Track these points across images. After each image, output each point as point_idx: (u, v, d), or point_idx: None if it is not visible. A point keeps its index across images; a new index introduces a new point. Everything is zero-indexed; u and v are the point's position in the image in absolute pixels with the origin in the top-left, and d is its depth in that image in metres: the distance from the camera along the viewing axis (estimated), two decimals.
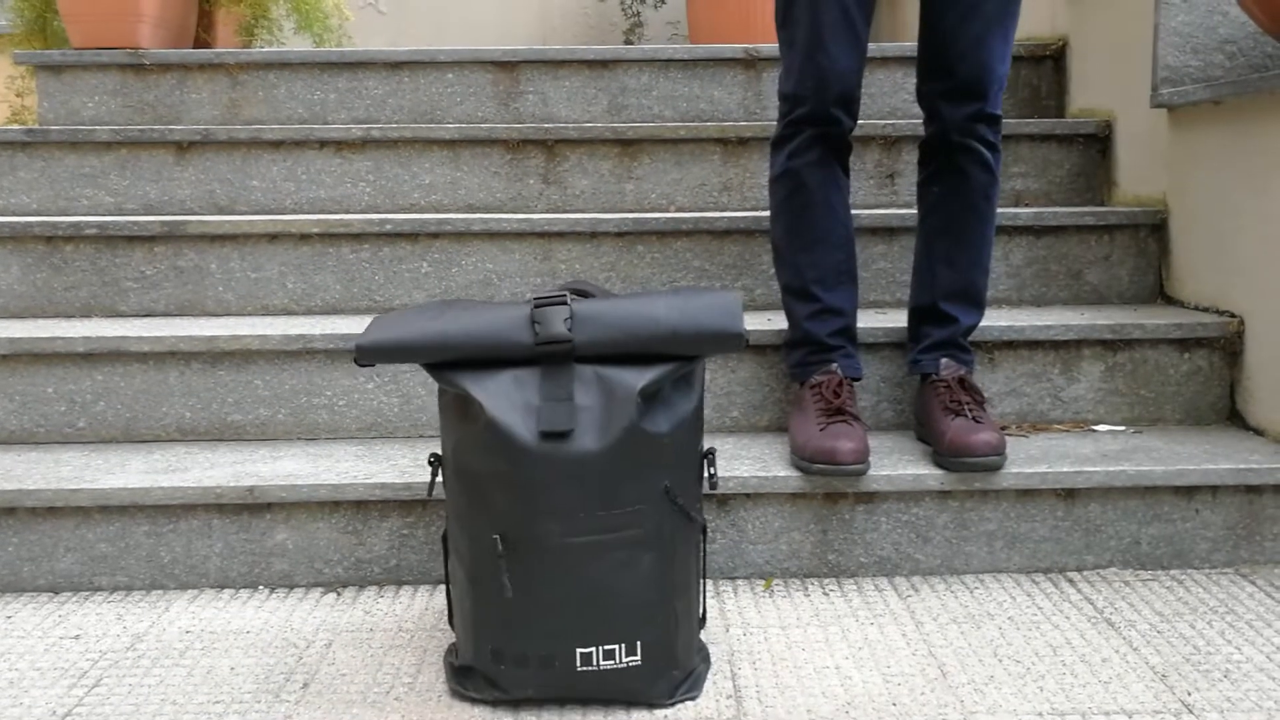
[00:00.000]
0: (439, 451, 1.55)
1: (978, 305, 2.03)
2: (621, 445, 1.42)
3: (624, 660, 1.45)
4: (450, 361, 1.46)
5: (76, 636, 1.72)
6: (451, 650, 1.58)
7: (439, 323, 1.47)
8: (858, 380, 2.04)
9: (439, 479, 1.81)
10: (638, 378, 1.44)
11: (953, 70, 1.93)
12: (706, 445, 1.55)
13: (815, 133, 1.94)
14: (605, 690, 1.47)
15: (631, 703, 1.49)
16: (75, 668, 1.62)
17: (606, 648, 1.45)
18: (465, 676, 1.51)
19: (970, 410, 1.93)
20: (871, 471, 1.90)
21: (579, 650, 1.45)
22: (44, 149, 2.75)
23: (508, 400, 1.43)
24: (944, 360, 2.01)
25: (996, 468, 1.88)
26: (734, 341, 1.46)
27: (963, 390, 1.97)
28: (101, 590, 1.90)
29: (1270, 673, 1.55)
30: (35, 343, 2.13)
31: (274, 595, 1.88)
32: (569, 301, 1.47)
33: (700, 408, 1.53)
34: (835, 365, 1.99)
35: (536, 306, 1.47)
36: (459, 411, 1.48)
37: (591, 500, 1.42)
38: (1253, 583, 1.87)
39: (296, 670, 1.60)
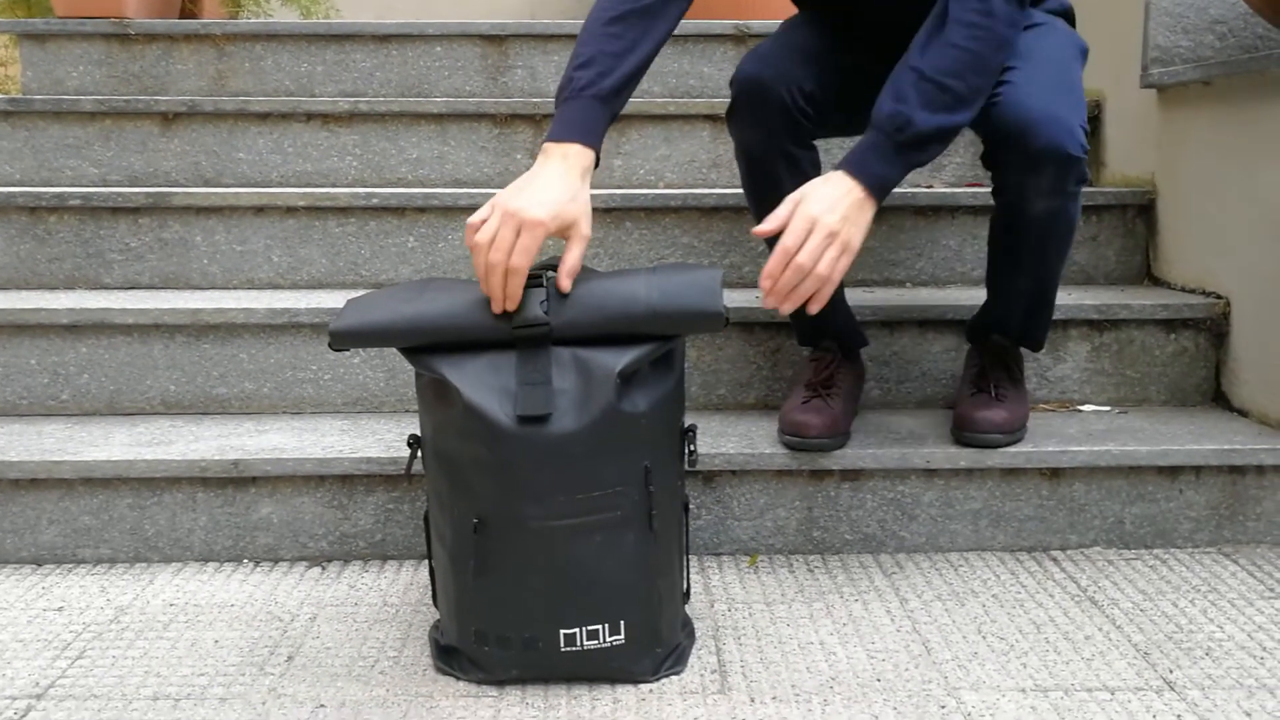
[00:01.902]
0: (417, 434, 1.55)
1: (1035, 344, 1.99)
2: (600, 427, 1.41)
3: (608, 640, 1.46)
4: (426, 345, 1.45)
5: (60, 608, 1.72)
6: (436, 627, 1.58)
7: (414, 305, 1.45)
8: (864, 346, 2.03)
9: (419, 460, 1.80)
10: (616, 359, 1.42)
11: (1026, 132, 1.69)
12: (688, 422, 1.54)
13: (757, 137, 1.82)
14: (590, 670, 1.47)
15: (616, 680, 1.49)
16: (58, 639, 1.61)
17: (590, 628, 1.45)
18: (450, 657, 1.51)
19: (995, 386, 1.94)
20: (857, 449, 1.90)
21: (562, 631, 1.44)
22: (27, 119, 2.72)
23: (484, 384, 1.42)
24: (995, 335, 1.98)
25: (993, 445, 1.89)
26: (714, 321, 1.44)
27: (998, 364, 1.96)
28: (85, 562, 1.90)
29: (1251, 651, 1.56)
30: (18, 314, 2.12)
31: (258, 569, 1.88)
32: (545, 283, 1.46)
33: (680, 385, 1.52)
34: (834, 345, 1.99)
35: None
36: (436, 395, 1.47)
37: (571, 483, 1.41)
38: (1235, 562, 1.88)
39: (281, 643, 1.60)
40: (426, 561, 1.90)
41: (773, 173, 1.83)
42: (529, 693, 1.46)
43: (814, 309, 1.53)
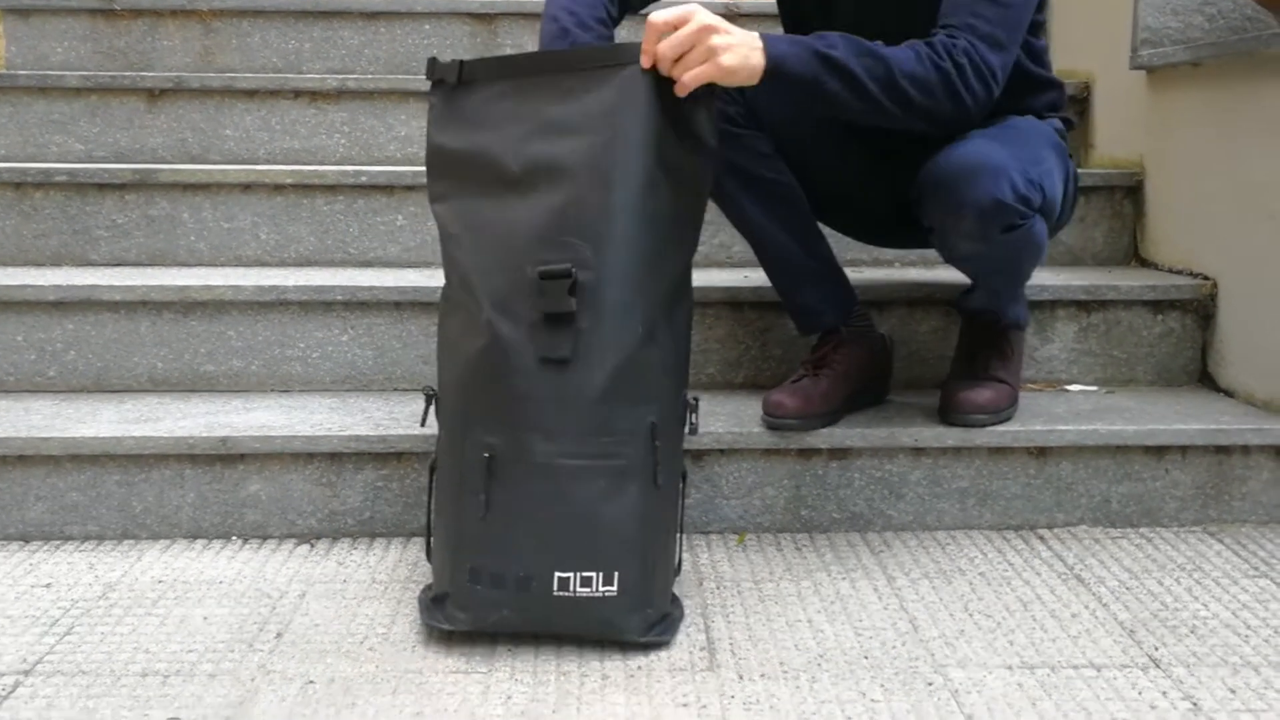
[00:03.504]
0: (432, 386, 1.59)
1: (1017, 304, 1.98)
2: (617, 375, 1.45)
3: (600, 589, 1.47)
4: (468, 275, 1.50)
5: (48, 585, 1.72)
6: (426, 589, 1.60)
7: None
8: (856, 310, 1.98)
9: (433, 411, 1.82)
10: (635, 309, 1.47)
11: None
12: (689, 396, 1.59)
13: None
14: (579, 618, 1.48)
15: (605, 638, 1.50)
16: (46, 616, 1.61)
17: (584, 574, 1.46)
18: (438, 606, 1.52)
19: (986, 366, 1.95)
20: (845, 428, 1.91)
21: (557, 574, 1.46)
22: (12, 94, 2.70)
23: (513, 319, 1.45)
24: (988, 312, 1.97)
25: (976, 425, 1.90)
26: None
27: (988, 343, 1.97)
28: (73, 539, 1.89)
29: (1235, 628, 1.58)
30: (4, 290, 2.10)
31: (247, 546, 1.87)
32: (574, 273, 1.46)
33: (688, 348, 1.57)
34: (839, 329, 1.96)
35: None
36: (464, 329, 1.50)
37: (584, 424, 1.44)
38: (1220, 541, 1.89)
39: (270, 620, 1.60)
40: (415, 538, 1.90)
41: None
42: (518, 668, 1.46)
43: (678, 91, 1.51)
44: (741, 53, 1.52)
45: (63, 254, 2.41)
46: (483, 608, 1.48)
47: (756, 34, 1.55)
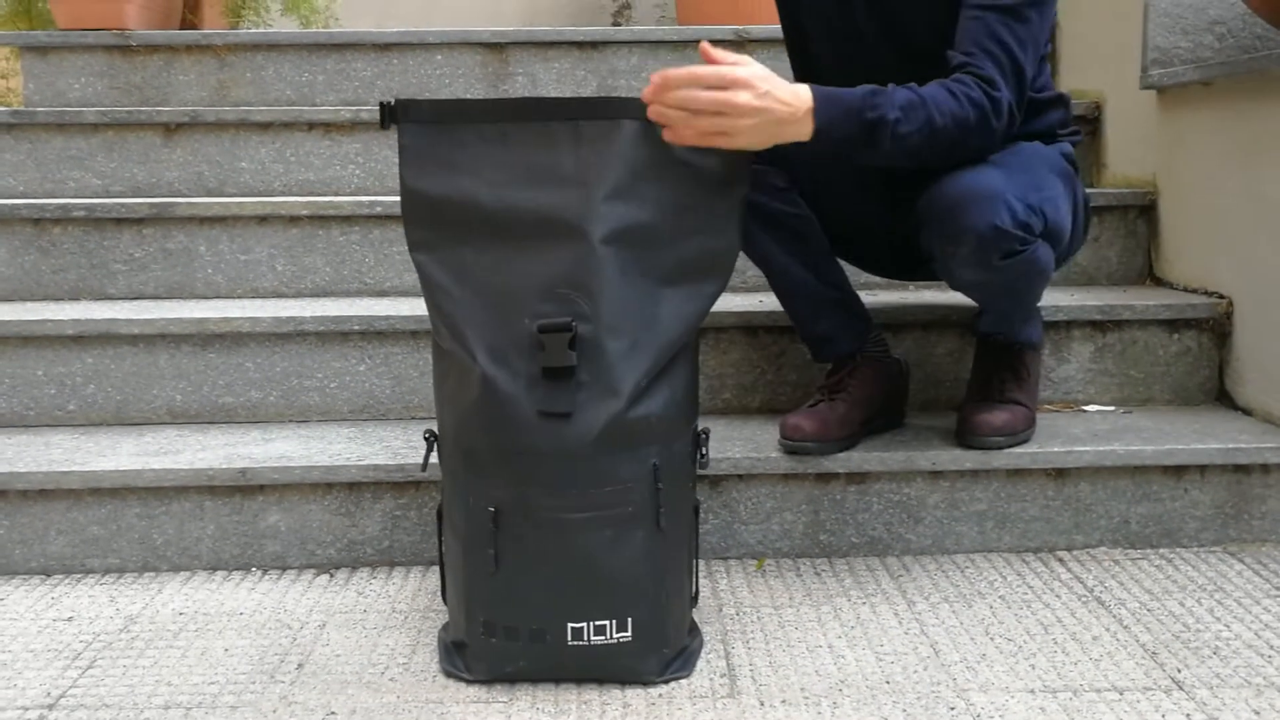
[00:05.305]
0: (433, 429, 1.57)
1: (1029, 325, 1.99)
2: (619, 424, 1.44)
3: (614, 636, 1.46)
4: (459, 327, 1.46)
5: (69, 618, 1.72)
6: (445, 628, 1.59)
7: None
8: (872, 335, 1.98)
9: (434, 455, 1.82)
10: (637, 363, 1.45)
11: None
12: (700, 426, 1.57)
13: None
14: (595, 666, 1.48)
15: (623, 682, 1.50)
16: (69, 649, 1.62)
17: (598, 623, 1.46)
18: (456, 653, 1.53)
19: (999, 390, 1.95)
20: (862, 452, 1.91)
21: (570, 625, 1.46)
22: (30, 131, 2.73)
23: (511, 372, 1.44)
24: (999, 334, 1.98)
25: (992, 448, 1.89)
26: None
27: (1004, 366, 1.96)
28: (94, 572, 1.90)
29: (1259, 649, 1.57)
30: (24, 325, 2.12)
31: (267, 577, 1.88)
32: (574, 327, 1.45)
33: (695, 386, 1.54)
34: (854, 357, 1.96)
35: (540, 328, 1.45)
36: (459, 382, 1.48)
37: (586, 476, 1.43)
38: (1241, 560, 1.88)
39: (291, 651, 1.61)
40: (435, 566, 1.90)
41: None
42: (539, 698, 1.46)
43: (666, 137, 1.48)
44: (767, 132, 1.51)
45: (81, 288, 2.43)
46: (498, 659, 1.48)
47: (804, 100, 1.53)
